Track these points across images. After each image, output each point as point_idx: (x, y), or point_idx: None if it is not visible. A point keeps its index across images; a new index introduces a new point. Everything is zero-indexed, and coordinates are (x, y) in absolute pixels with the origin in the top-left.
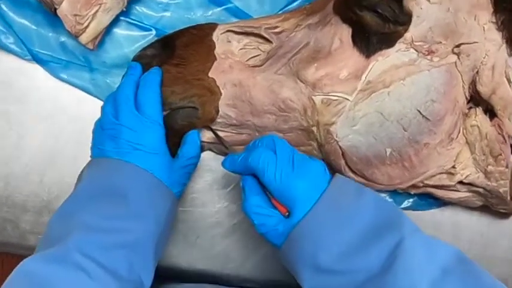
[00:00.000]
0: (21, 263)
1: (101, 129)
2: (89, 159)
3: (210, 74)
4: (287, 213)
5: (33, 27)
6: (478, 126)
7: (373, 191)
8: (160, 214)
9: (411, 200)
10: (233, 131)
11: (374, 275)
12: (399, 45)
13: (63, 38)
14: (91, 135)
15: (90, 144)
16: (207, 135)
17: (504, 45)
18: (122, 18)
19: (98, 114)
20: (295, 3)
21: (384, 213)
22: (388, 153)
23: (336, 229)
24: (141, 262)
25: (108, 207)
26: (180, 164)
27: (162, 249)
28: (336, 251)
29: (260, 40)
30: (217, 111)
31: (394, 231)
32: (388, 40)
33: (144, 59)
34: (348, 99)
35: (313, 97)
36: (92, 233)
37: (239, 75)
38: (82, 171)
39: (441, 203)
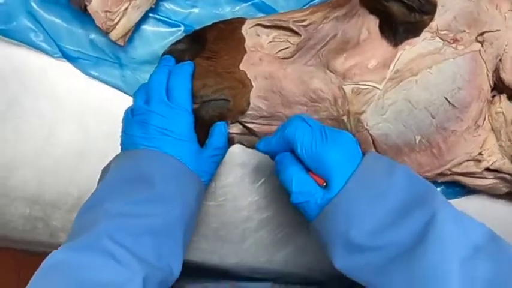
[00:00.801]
0: (50, 254)
1: (131, 116)
2: None
3: (241, 67)
4: (324, 184)
5: (63, 24)
6: (503, 113)
7: (404, 165)
8: (188, 199)
9: (438, 188)
10: (263, 123)
11: (405, 250)
12: (425, 34)
13: (92, 35)
14: (120, 131)
15: (119, 141)
16: (236, 127)
17: None
18: (150, 14)
19: None
20: None
21: (416, 189)
22: (417, 141)
23: (368, 205)
24: (170, 248)
25: (135, 193)
26: (208, 153)
27: (189, 237)
28: (368, 227)
29: (288, 33)
30: (248, 104)
31: (426, 207)
32: (415, 29)
33: (175, 53)
34: (377, 88)
35: (343, 87)
36: (120, 219)
37: (269, 67)
38: (109, 164)
39: (467, 191)
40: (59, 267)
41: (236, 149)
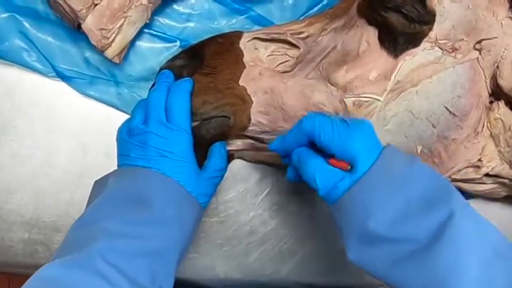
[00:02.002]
0: (40, 269)
1: (127, 136)
2: None
3: (240, 82)
4: (349, 167)
5: (57, 43)
6: (501, 119)
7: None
8: (185, 223)
9: None
10: (265, 137)
11: (421, 247)
12: (424, 44)
13: (87, 53)
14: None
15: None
16: (236, 143)
17: None
18: (145, 30)
19: None
20: (315, 9)
21: (435, 184)
22: (419, 151)
23: (388, 195)
24: (164, 271)
25: (132, 214)
26: (207, 175)
27: (182, 259)
28: (386, 217)
29: (287, 46)
30: (249, 119)
31: (445, 204)
32: (414, 40)
33: (173, 70)
34: (378, 100)
35: (344, 100)
36: (116, 239)
37: (269, 82)
38: (105, 177)
39: (467, 196)
40: (51, 283)
41: (237, 164)
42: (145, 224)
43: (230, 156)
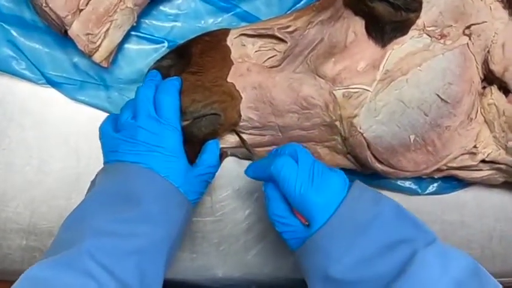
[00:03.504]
0: (29, 268)
1: (114, 132)
2: None
3: (228, 79)
4: (307, 223)
5: (45, 50)
6: (495, 104)
7: (391, 199)
8: (174, 220)
9: (435, 184)
10: (255, 133)
11: (384, 285)
12: (412, 32)
13: (75, 59)
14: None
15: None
16: (230, 140)
17: None
18: (132, 32)
19: None
20: (301, 2)
21: (399, 224)
22: (412, 140)
23: (349, 239)
24: (152, 269)
25: (121, 212)
26: (198, 172)
27: (172, 258)
28: (347, 262)
29: (274, 41)
30: (240, 115)
31: (408, 242)
32: (402, 28)
33: (161, 70)
34: (368, 90)
35: (333, 92)
36: (104, 237)
37: (258, 77)
38: (95, 177)
39: (464, 184)
40: (39, 284)
41: (230, 162)
42: (133, 221)
43: (224, 154)
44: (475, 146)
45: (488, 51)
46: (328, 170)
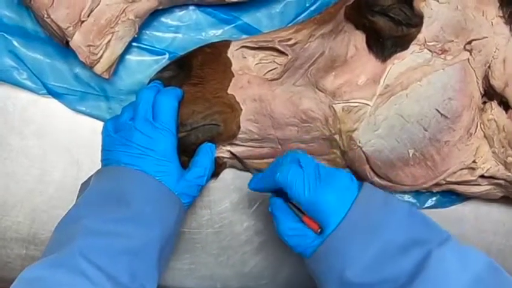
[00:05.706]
0: (24, 270)
1: (113, 131)
2: None
3: (229, 91)
4: (319, 230)
5: (46, 60)
6: (494, 120)
7: (401, 200)
8: (166, 221)
9: (434, 198)
10: (255, 145)
11: (401, 285)
12: (413, 47)
13: (76, 69)
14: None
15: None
16: (228, 152)
17: None
18: (133, 44)
19: None
20: (303, 15)
21: (412, 224)
22: (411, 154)
23: (363, 242)
24: (144, 269)
25: (114, 212)
26: (192, 174)
27: (167, 259)
28: (362, 264)
29: (275, 53)
30: (239, 127)
31: (422, 242)
32: (402, 43)
33: (162, 81)
34: (368, 105)
35: (333, 105)
36: (96, 237)
37: (258, 89)
38: (89, 178)
39: (463, 198)
40: (35, 284)
41: (229, 174)
42: (126, 222)
43: (222, 165)
44: (474, 161)
45: (489, 67)
46: (334, 169)
